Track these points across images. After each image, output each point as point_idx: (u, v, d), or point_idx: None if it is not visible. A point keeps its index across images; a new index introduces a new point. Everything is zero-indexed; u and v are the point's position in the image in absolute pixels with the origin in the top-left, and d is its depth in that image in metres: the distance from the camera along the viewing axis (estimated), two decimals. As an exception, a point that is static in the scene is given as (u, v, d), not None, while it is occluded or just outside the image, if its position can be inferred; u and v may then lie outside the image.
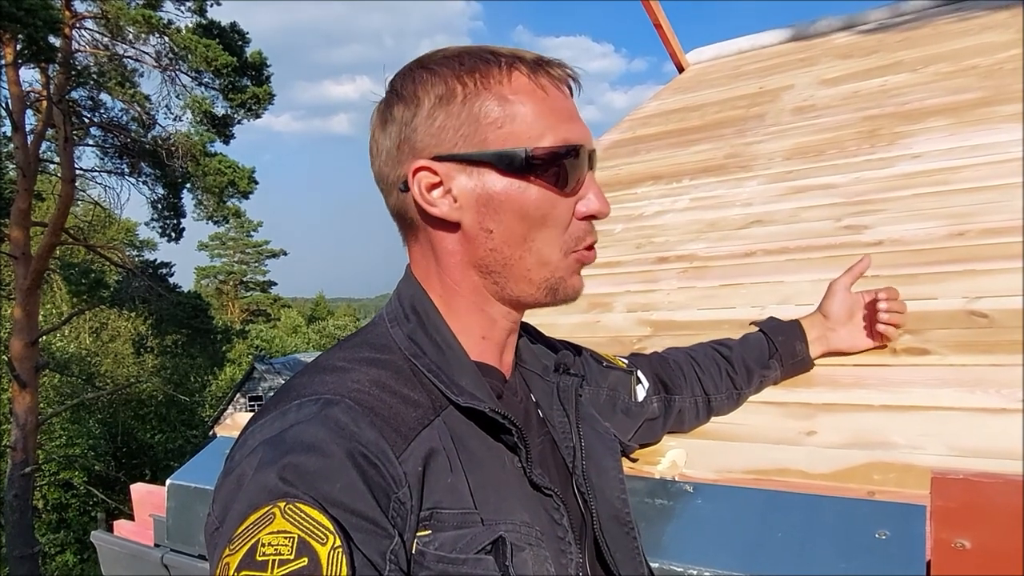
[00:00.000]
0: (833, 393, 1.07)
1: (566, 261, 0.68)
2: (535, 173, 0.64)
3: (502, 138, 0.63)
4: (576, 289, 0.70)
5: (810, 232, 1.60)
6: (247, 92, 12.62)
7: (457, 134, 0.64)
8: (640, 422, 0.94)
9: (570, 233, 0.67)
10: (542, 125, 0.64)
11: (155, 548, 1.35)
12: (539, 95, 0.64)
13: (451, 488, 0.59)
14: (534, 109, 0.64)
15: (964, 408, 0.97)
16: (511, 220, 0.65)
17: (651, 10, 3.43)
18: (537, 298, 0.69)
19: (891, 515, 0.80)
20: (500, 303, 0.69)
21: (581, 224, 0.67)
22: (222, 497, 0.55)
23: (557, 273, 0.67)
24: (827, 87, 2.57)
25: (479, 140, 0.63)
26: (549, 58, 0.67)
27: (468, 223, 0.66)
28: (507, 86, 0.64)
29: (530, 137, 0.63)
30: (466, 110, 0.64)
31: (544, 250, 0.66)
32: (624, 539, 0.74)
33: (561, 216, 0.66)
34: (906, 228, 1.46)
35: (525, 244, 0.66)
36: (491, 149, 0.63)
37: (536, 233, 0.65)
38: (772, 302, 1.39)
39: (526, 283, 0.67)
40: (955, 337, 1.11)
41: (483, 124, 0.63)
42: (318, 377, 0.62)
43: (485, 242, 0.66)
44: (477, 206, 0.65)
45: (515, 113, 0.64)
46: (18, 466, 11.14)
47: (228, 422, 1.52)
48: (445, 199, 0.65)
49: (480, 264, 0.67)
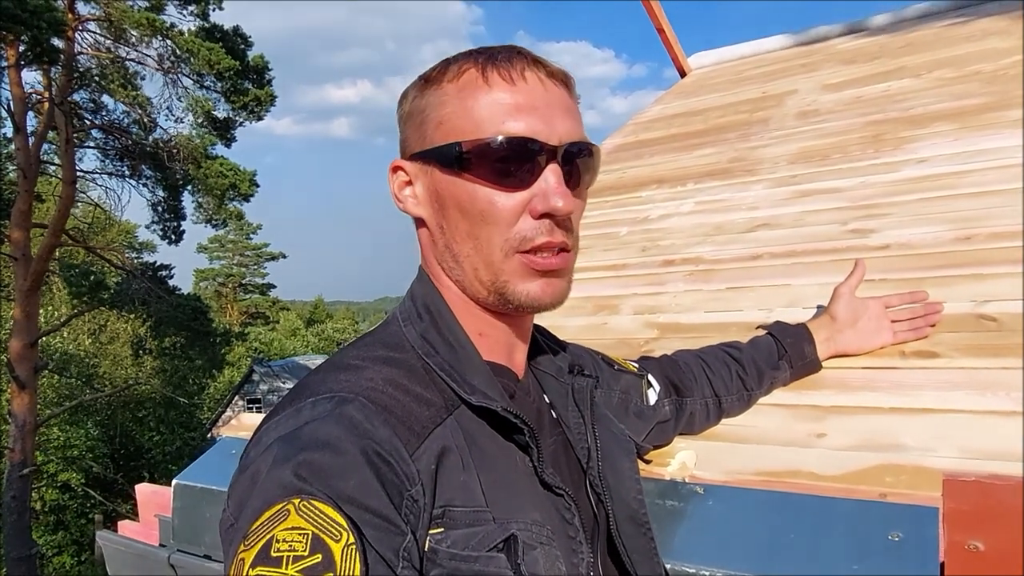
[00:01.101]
0: (843, 395, 1.07)
1: (509, 263, 0.64)
2: (468, 167, 0.63)
3: (442, 134, 0.64)
4: (531, 296, 0.65)
5: (817, 236, 1.60)
6: (249, 95, 12.64)
7: (416, 133, 0.67)
8: (652, 425, 0.94)
9: (516, 231, 0.63)
10: (477, 118, 0.63)
11: (161, 548, 1.34)
12: (483, 89, 0.63)
13: (463, 486, 0.59)
14: (474, 103, 0.63)
15: (975, 411, 0.97)
16: (454, 216, 0.65)
17: (653, 14, 3.44)
18: (489, 301, 0.67)
19: (904, 517, 0.80)
20: (474, 303, 0.69)
21: (535, 223, 0.63)
22: (237, 494, 0.56)
23: (501, 276, 0.65)
24: (830, 92, 2.58)
25: (428, 137, 0.65)
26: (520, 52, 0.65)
27: (428, 219, 0.68)
28: (455, 83, 0.64)
29: (465, 132, 0.63)
30: (421, 108, 0.66)
31: (487, 248, 0.64)
32: (641, 539, 0.74)
33: (501, 213, 0.63)
34: (913, 232, 1.47)
35: (471, 241, 0.65)
36: (433, 145, 0.65)
37: (478, 230, 0.64)
38: (779, 305, 1.39)
39: (477, 282, 0.66)
40: (964, 340, 1.12)
41: (429, 121, 0.65)
42: (332, 375, 0.62)
43: (440, 238, 0.68)
44: (431, 202, 0.67)
45: (455, 109, 0.64)
46: (16, 467, 11.12)
47: (233, 423, 1.52)
48: (411, 197, 0.68)
49: (441, 261, 0.69)
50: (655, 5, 3.41)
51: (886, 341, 1.14)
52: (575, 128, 0.66)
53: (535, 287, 0.65)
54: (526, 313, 0.68)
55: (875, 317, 1.14)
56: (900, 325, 1.15)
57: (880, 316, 1.15)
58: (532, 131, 0.62)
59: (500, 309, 0.68)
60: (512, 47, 0.66)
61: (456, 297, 0.69)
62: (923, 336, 1.15)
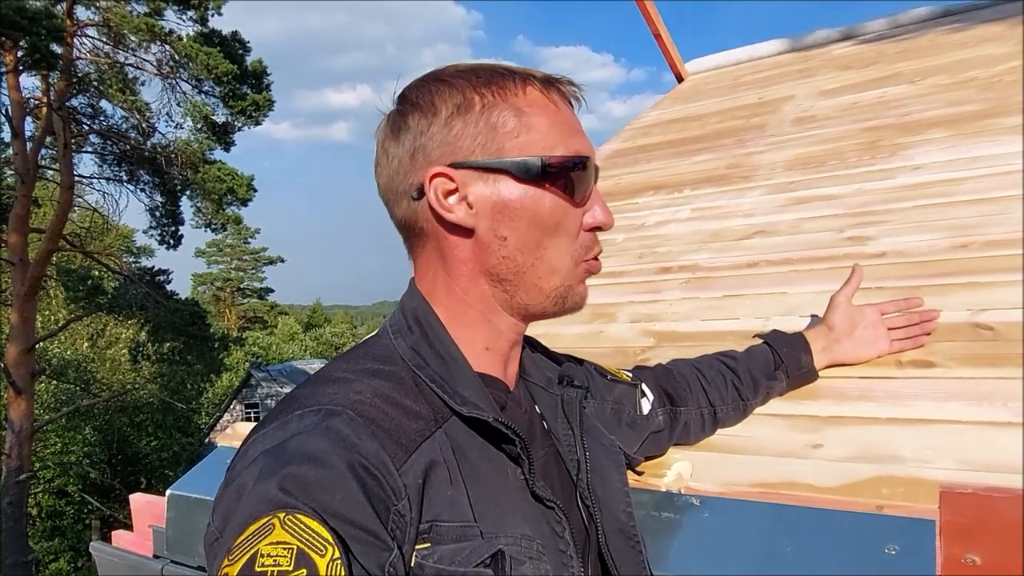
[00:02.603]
0: (840, 406, 1.07)
1: (576, 270, 0.70)
2: (550, 181, 0.66)
3: (519, 147, 0.66)
4: (583, 297, 0.72)
5: (813, 243, 1.60)
6: (247, 99, 12.66)
7: (474, 142, 0.66)
8: (646, 435, 0.93)
9: (580, 242, 0.69)
10: (555, 137, 0.67)
11: (154, 559, 1.33)
12: (552, 109, 0.68)
13: (451, 501, 0.59)
14: (548, 121, 0.67)
15: (972, 421, 0.96)
16: (526, 227, 0.67)
17: (650, 18, 3.44)
18: (545, 307, 0.70)
19: (901, 530, 0.79)
20: (508, 313, 0.70)
21: (588, 235, 0.70)
22: (222, 507, 0.55)
23: (567, 282, 0.69)
24: (827, 98, 2.58)
25: (496, 148, 0.66)
26: (558, 75, 0.71)
27: (483, 230, 0.67)
28: (522, 98, 0.67)
29: (545, 147, 0.66)
30: (483, 119, 0.66)
31: (555, 258, 0.68)
32: (630, 552, 0.73)
33: (572, 225, 0.68)
34: (909, 240, 1.47)
35: (537, 252, 0.68)
36: (508, 157, 0.66)
37: (549, 241, 0.67)
38: (776, 313, 1.39)
39: (536, 291, 0.69)
40: (961, 350, 1.11)
41: (500, 133, 0.66)
42: (320, 388, 0.62)
43: (499, 249, 0.67)
44: (492, 213, 0.67)
45: (531, 124, 0.67)
46: (13, 473, 11.08)
47: (229, 431, 1.51)
48: (461, 205, 0.67)
49: (492, 272, 0.68)
50: (651, 9, 3.41)
51: (883, 350, 1.14)
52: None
53: (585, 290, 0.72)
54: (571, 313, 0.73)
55: (872, 325, 1.14)
56: (897, 333, 1.15)
57: (877, 324, 1.14)
58: (590, 151, 0.69)
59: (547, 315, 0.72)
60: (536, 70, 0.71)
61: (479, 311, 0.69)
62: (920, 345, 1.14)
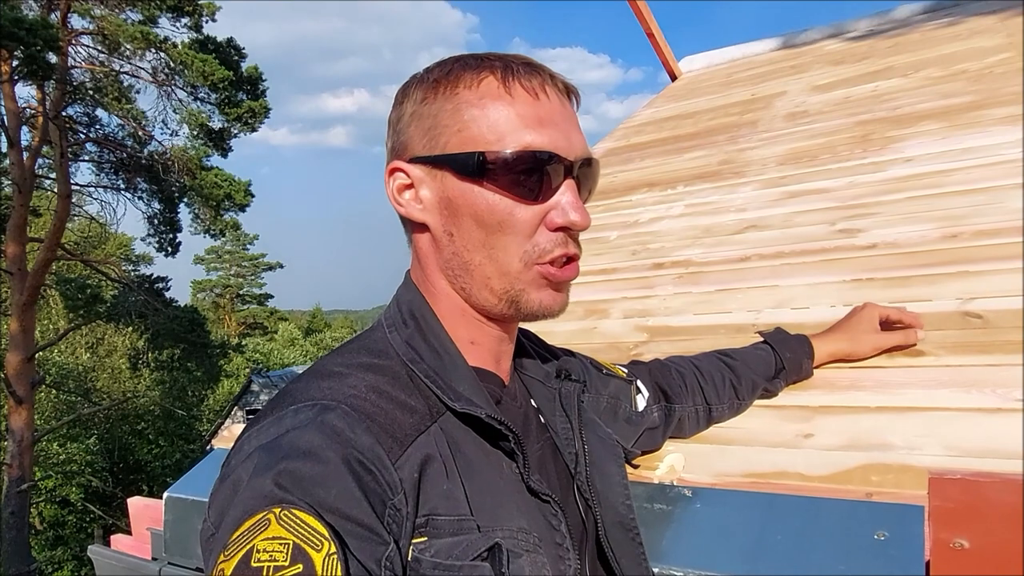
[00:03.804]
0: (830, 396, 1.07)
1: (527, 273, 0.65)
2: (489, 178, 0.63)
3: (461, 141, 0.64)
4: (544, 305, 0.66)
5: (805, 236, 1.61)
6: (243, 106, 12.67)
7: (424, 137, 0.65)
8: (641, 430, 0.93)
9: (534, 243, 0.64)
10: (501, 130, 0.63)
11: (153, 562, 1.34)
12: (505, 100, 0.63)
13: (447, 495, 0.59)
14: (496, 114, 0.63)
15: (961, 408, 0.97)
16: (468, 224, 0.65)
17: (643, 18, 3.45)
18: (500, 309, 0.67)
19: (890, 516, 0.80)
20: (474, 311, 0.69)
21: (551, 235, 0.65)
22: (218, 503, 0.55)
23: (517, 285, 0.65)
24: (819, 93, 2.59)
25: (442, 143, 0.65)
26: (536, 65, 0.66)
27: (433, 225, 0.67)
28: (474, 91, 0.64)
29: (487, 142, 0.63)
30: (433, 113, 0.65)
31: (503, 258, 0.65)
32: (629, 544, 0.73)
33: (521, 224, 0.64)
34: (900, 231, 1.47)
35: (484, 250, 0.65)
36: (449, 152, 0.64)
37: (494, 240, 0.64)
38: (768, 306, 1.40)
39: (488, 291, 0.66)
40: (950, 338, 1.12)
41: (445, 127, 0.64)
42: (315, 383, 0.62)
43: (448, 245, 0.67)
44: (439, 208, 0.66)
45: (475, 117, 0.63)
46: (14, 483, 11.07)
47: (225, 433, 1.51)
48: (413, 201, 0.67)
49: (447, 268, 0.68)
50: (644, 9, 3.42)
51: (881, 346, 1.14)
52: (585, 142, 0.67)
53: (547, 296, 0.66)
54: (534, 320, 0.69)
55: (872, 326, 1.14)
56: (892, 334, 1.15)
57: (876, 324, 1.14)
58: (554, 146, 0.63)
59: (506, 317, 0.68)
60: (523, 58, 0.67)
61: (451, 305, 0.69)
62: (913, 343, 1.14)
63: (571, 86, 0.68)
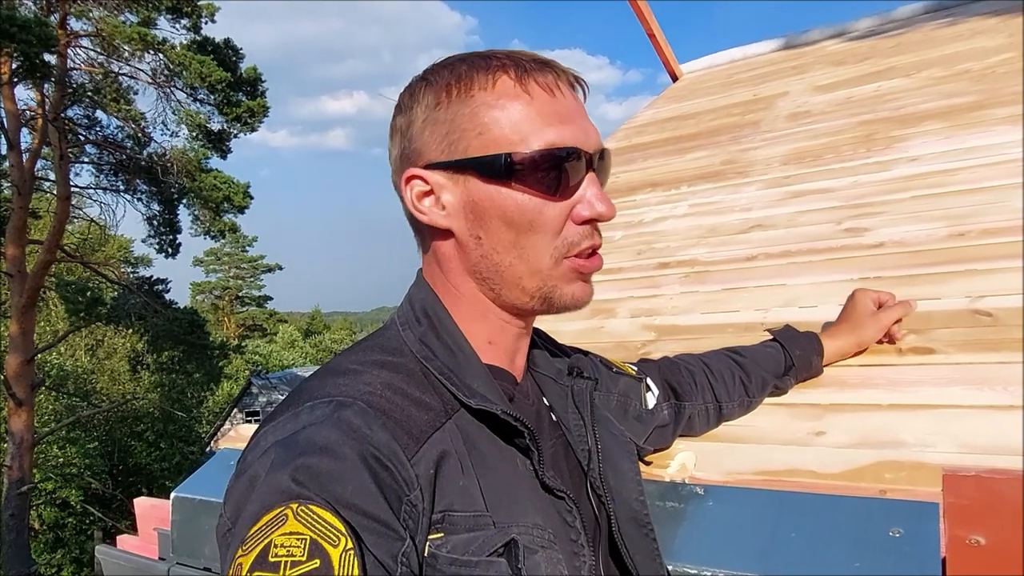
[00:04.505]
0: (841, 393, 1.07)
1: (559, 269, 0.66)
2: (516, 178, 0.63)
3: (483, 144, 0.63)
4: (576, 298, 0.68)
5: (811, 235, 1.61)
6: (242, 106, 12.67)
7: (443, 142, 0.65)
8: (651, 428, 0.93)
9: (563, 238, 0.65)
10: (524, 130, 0.63)
11: (161, 562, 1.34)
12: (524, 99, 0.63)
13: (463, 491, 0.59)
14: (517, 114, 0.63)
15: (972, 406, 0.97)
16: (497, 227, 0.64)
17: (644, 18, 3.45)
18: (532, 306, 0.68)
19: (904, 513, 0.80)
20: (501, 310, 0.69)
21: (579, 228, 0.66)
22: (234, 498, 0.55)
23: (550, 281, 0.66)
24: (821, 93, 2.59)
25: (463, 147, 0.64)
26: (545, 60, 0.66)
27: (459, 230, 0.66)
28: (490, 92, 0.64)
29: (511, 142, 0.63)
30: (449, 117, 0.64)
31: (534, 257, 0.65)
32: (643, 540, 0.73)
33: (550, 221, 0.64)
34: (906, 230, 1.47)
35: (515, 251, 0.65)
36: (472, 155, 0.63)
37: (524, 240, 0.64)
38: (775, 305, 1.40)
39: (519, 291, 0.67)
40: (960, 336, 1.12)
41: (465, 131, 0.64)
42: (330, 380, 0.62)
43: (476, 249, 0.66)
44: (465, 213, 0.66)
45: (496, 119, 0.63)
46: (14, 485, 11.06)
47: (232, 434, 1.51)
48: (435, 207, 0.66)
49: (475, 271, 0.67)
50: (645, 9, 3.42)
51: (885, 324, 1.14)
52: (598, 133, 0.68)
53: (578, 288, 0.68)
54: (565, 312, 0.69)
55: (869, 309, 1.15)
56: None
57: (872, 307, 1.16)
58: (575, 140, 0.64)
59: (537, 313, 0.69)
60: (526, 54, 0.67)
61: (475, 306, 0.69)
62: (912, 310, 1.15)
63: (579, 78, 0.68)
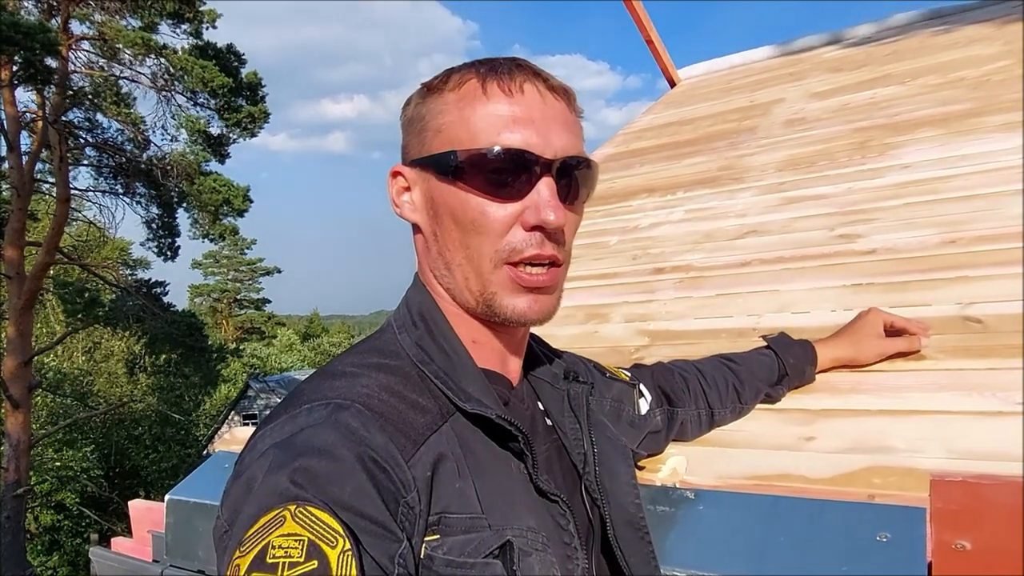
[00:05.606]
0: (832, 399, 1.08)
1: (498, 274, 0.64)
2: (462, 177, 0.63)
3: (440, 142, 0.65)
4: (518, 312, 0.65)
5: (805, 242, 1.62)
6: (242, 112, 12.69)
7: (415, 140, 0.68)
8: (644, 434, 0.94)
9: (506, 242, 0.64)
10: (475, 129, 0.63)
11: (154, 564, 1.34)
12: (481, 100, 0.64)
13: (459, 493, 0.59)
14: (472, 113, 0.64)
15: (962, 412, 0.98)
16: (448, 224, 0.66)
17: (642, 25, 3.47)
18: (478, 312, 0.67)
19: (892, 518, 0.80)
20: (466, 312, 0.69)
21: (525, 235, 0.64)
22: (231, 500, 0.55)
23: (490, 287, 0.65)
24: (817, 100, 2.61)
25: (427, 145, 0.66)
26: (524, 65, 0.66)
27: (423, 225, 0.69)
28: (456, 92, 0.65)
29: (461, 141, 0.63)
30: (421, 116, 0.67)
31: (477, 258, 0.65)
32: (638, 543, 0.74)
33: (493, 223, 0.63)
34: (899, 237, 1.48)
35: (463, 250, 0.65)
36: (431, 153, 0.66)
37: (470, 239, 0.64)
38: (768, 311, 1.40)
39: (468, 292, 0.67)
40: (950, 342, 1.13)
41: (428, 129, 0.66)
42: (328, 382, 0.63)
43: (433, 246, 0.68)
44: (427, 209, 0.68)
45: (454, 118, 0.64)
46: (10, 487, 11.02)
47: (227, 437, 1.51)
48: (408, 203, 0.69)
49: (433, 268, 0.69)
50: (642, 15, 3.44)
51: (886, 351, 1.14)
52: (572, 142, 0.66)
53: (522, 302, 0.65)
54: (512, 327, 0.69)
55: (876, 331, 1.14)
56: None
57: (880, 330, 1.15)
58: (527, 143, 0.62)
59: (488, 320, 0.68)
60: (515, 59, 0.67)
61: (449, 305, 0.69)
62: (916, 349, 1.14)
63: (557, 84, 0.67)
